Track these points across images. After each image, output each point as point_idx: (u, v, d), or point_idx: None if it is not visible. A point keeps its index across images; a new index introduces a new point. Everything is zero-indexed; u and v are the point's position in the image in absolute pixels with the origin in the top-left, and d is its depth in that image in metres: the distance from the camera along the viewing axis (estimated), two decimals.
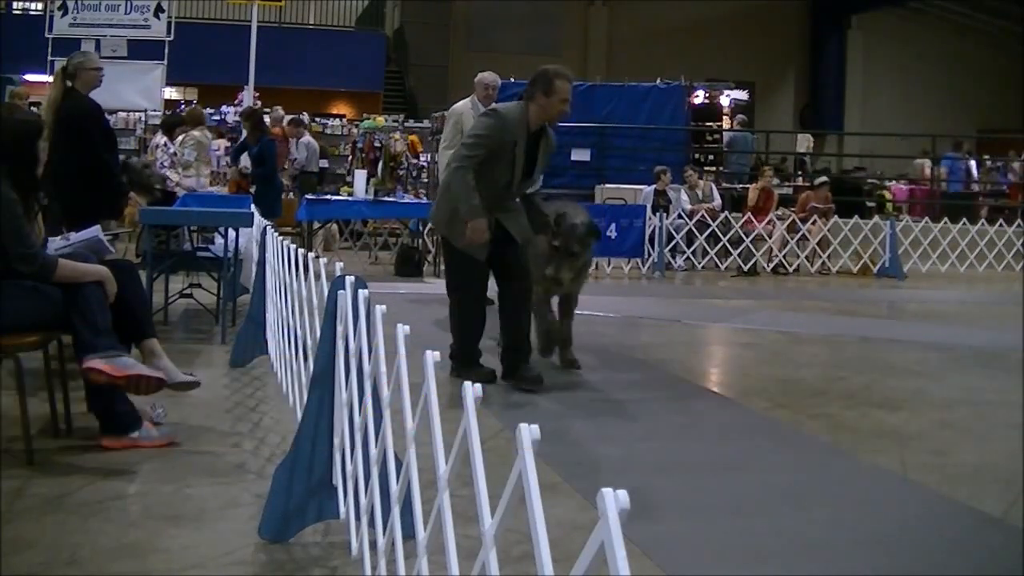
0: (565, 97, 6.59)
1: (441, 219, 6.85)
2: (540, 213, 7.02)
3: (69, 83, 7.74)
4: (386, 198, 14.28)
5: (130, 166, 12.16)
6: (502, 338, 6.86)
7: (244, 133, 13.51)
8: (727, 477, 5.05)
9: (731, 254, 16.96)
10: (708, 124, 22.38)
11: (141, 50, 17.62)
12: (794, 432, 6.01)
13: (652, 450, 5.45)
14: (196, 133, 12.62)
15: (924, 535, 4.33)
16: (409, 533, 2.88)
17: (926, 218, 19.06)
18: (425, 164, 18.76)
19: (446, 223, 6.79)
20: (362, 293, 3.49)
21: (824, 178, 18.64)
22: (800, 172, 24.32)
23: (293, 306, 5.50)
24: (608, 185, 17.77)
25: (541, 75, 6.65)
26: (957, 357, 8.84)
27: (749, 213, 16.72)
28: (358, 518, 3.46)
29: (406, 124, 21.27)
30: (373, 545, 3.20)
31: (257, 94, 18.79)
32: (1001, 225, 19.17)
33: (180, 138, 12.77)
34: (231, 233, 8.06)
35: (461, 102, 10.36)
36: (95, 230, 5.62)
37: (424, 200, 14.98)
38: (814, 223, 16.97)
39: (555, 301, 7.61)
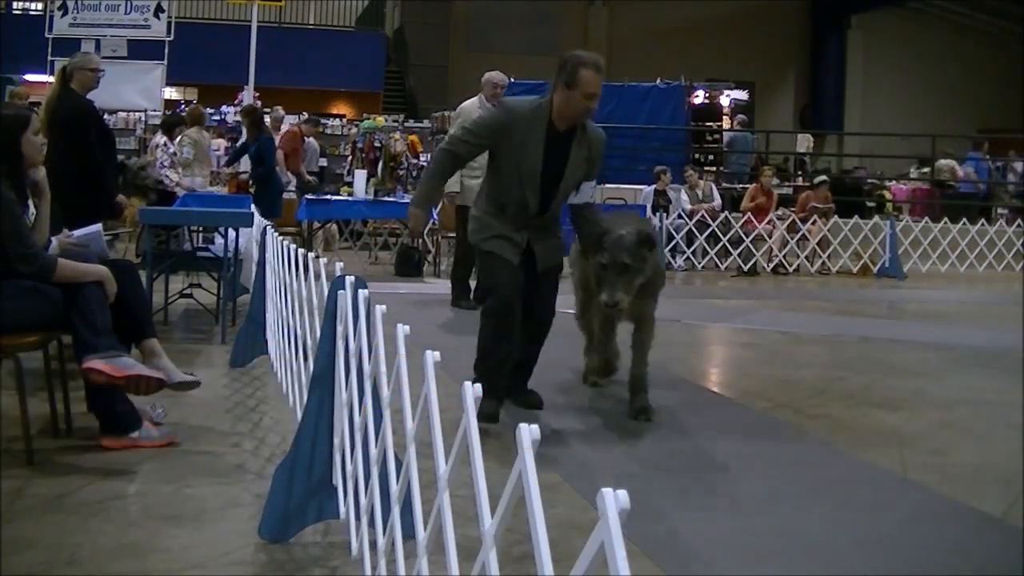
0: (590, 91, 5.52)
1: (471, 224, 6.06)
2: (592, 230, 5.84)
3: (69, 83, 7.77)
4: (386, 198, 14.28)
5: (127, 167, 12.19)
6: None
7: (244, 133, 13.51)
8: (727, 477, 5.05)
9: (731, 254, 16.95)
10: (708, 124, 22.38)
11: (141, 50, 17.61)
12: (794, 432, 6.01)
13: (652, 450, 5.45)
14: (192, 132, 12.62)
15: (924, 535, 4.33)
16: (409, 533, 2.87)
17: (926, 218, 19.05)
18: (425, 164, 18.74)
19: (472, 226, 6.02)
20: (362, 293, 3.49)
21: (823, 177, 18.64)
22: (800, 172, 24.32)
23: (293, 306, 5.50)
24: (608, 185, 17.74)
25: (564, 63, 5.60)
26: (957, 357, 8.84)
27: (749, 213, 16.71)
28: (358, 518, 3.46)
29: (406, 124, 21.28)
30: (373, 545, 3.20)
31: (257, 94, 18.79)
32: (1001, 225, 19.17)
33: (178, 138, 12.78)
34: (231, 233, 8.06)
35: (469, 101, 10.39)
36: (96, 228, 5.64)
37: None
38: (814, 223, 16.97)
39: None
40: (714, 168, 21.19)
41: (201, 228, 9.25)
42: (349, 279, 3.65)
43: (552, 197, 5.72)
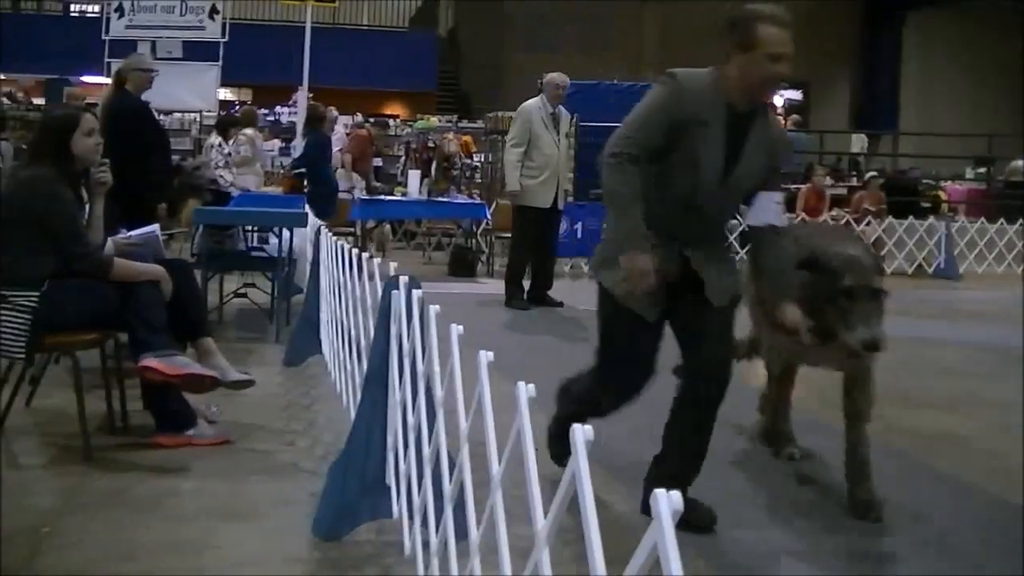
0: (776, 51, 4.10)
1: (596, 253, 4.55)
2: (794, 248, 4.44)
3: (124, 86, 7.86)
4: (440, 198, 14.28)
5: (182, 168, 12.27)
6: (657, 461, 4.45)
7: (298, 134, 13.59)
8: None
9: None
10: None
11: (196, 51, 17.72)
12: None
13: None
14: (249, 131, 12.71)
15: (977, 537, 4.28)
16: (462, 533, 2.88)
17: (982, 219, 18.79)
18: (478, 164, 18.78)
19: (599, 256, 4.47)
20: (416, 293, 3.50)
21: (873, 173, 18.45)
22: (854, 172, 24.10)
23: (347, 306, 5.52)
24: None
25: (735, 21, 4.19)
26: (1013, 358, 8.72)
27: (802, 215, 16.59)
28: (411, 517, 3.47)
29: (459, 124, 21.29)
30: (426, 544, 3.21)
31: (311, 95, 18.88)
32: None
33: (233, 138, 12.87)
34: (285, 233, 8.10)
35: (531, 101, 10.45)
36: (153, 228, 5.69)
37: (477, 200, 15.01)
38: (868, 224, 16.81)
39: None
40: None
41: (255, 228, 9.31)
42: (403, 279, 3.66)
43: (724, 201, 4.28)
